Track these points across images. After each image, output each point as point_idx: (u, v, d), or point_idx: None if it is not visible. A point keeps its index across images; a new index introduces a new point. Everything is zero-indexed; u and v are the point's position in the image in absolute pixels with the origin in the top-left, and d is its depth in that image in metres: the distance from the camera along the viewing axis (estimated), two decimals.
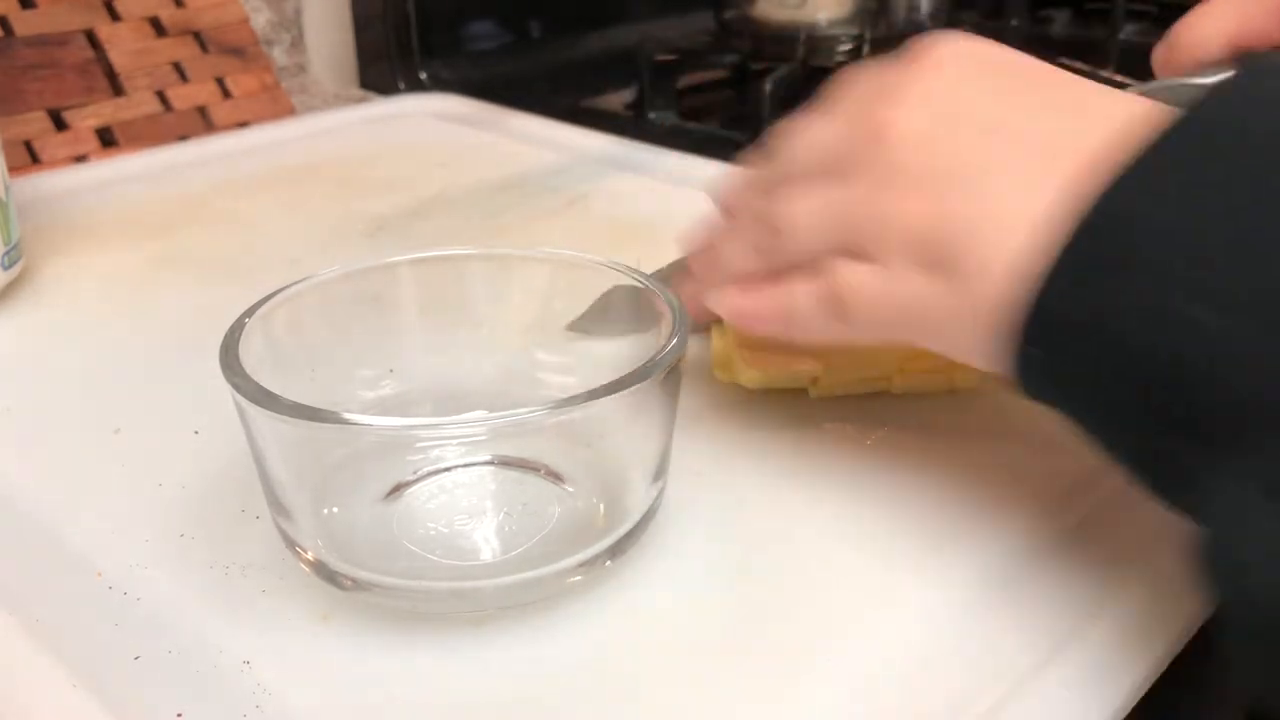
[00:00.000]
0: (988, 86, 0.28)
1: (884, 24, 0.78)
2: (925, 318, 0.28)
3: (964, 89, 0.28)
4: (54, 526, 0.32)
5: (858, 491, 0.33)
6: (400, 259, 0.35)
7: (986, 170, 0.26)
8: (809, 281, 0.30)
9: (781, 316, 0.31)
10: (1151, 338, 0.22)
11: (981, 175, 0.26)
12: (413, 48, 0.84)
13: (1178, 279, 0.22)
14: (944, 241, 0.27)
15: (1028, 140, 0.26)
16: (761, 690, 0.26)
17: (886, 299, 0.28)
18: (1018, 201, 0.25)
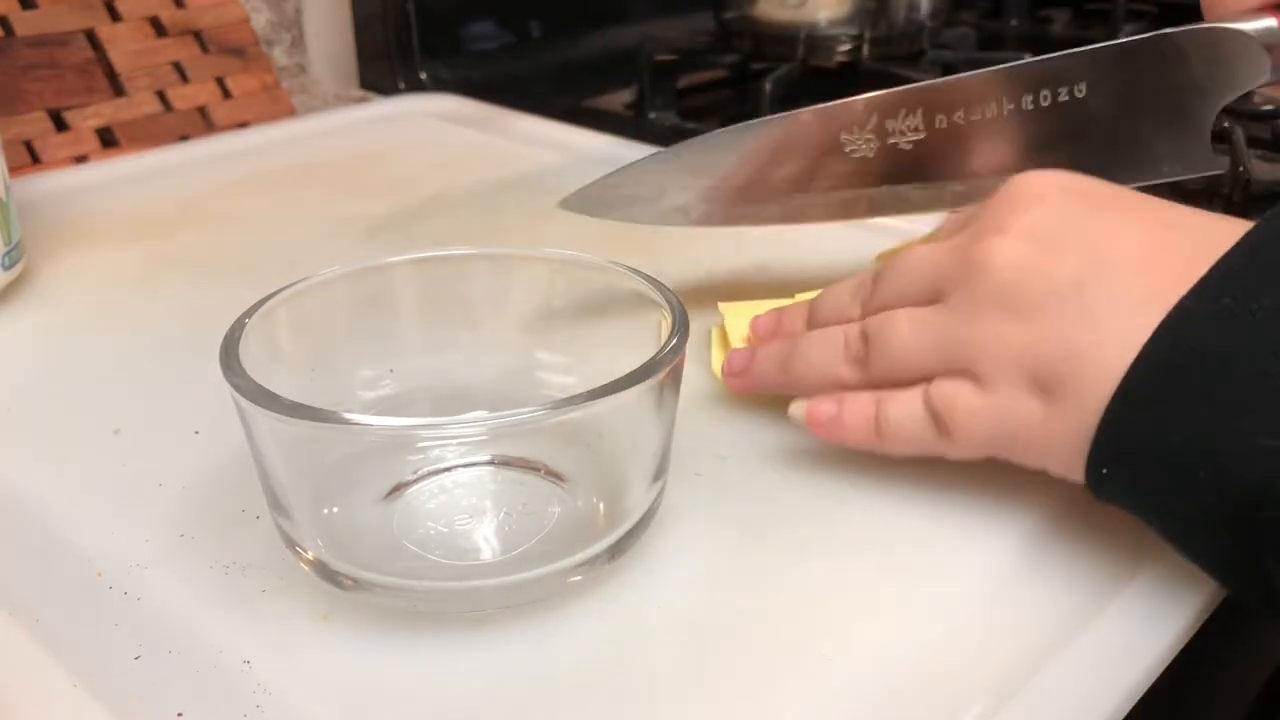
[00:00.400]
0: (1085, 212, 0.29)
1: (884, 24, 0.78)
2: (1030, 439, 0.29)
3: (1064, 216, 0.29)
4: (54, 526, 0.32)
5: (858, 490, 0.33)
6: (400, 259, 0.35)
7: (1084, 290, 0.27)
8: (906, 395, 0.31)
9: (875, 428, 0.32)
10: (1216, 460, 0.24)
11: (1079, 295, 0.27)
12: (413, 48, 0.84)
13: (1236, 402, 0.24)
14: (1049, 364, 0.28)
15: (1117, 257, 0.27)
16: (762, 690, 0.26)
17: (992, 420, 0.29)
18: (1117, 324, 0.26)
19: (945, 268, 0.31)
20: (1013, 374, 0.28)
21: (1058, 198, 0.30)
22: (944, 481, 0.33)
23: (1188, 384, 0.25)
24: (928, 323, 0.31)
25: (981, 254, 0.29)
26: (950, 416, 0.30)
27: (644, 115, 0.79)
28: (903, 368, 0.31)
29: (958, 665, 0.27)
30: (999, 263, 0.29)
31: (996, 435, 0.29)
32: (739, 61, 0.83)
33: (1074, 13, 1.07)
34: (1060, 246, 0.28)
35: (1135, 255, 0.27)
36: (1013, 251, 0.29)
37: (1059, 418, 0.28)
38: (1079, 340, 0.27)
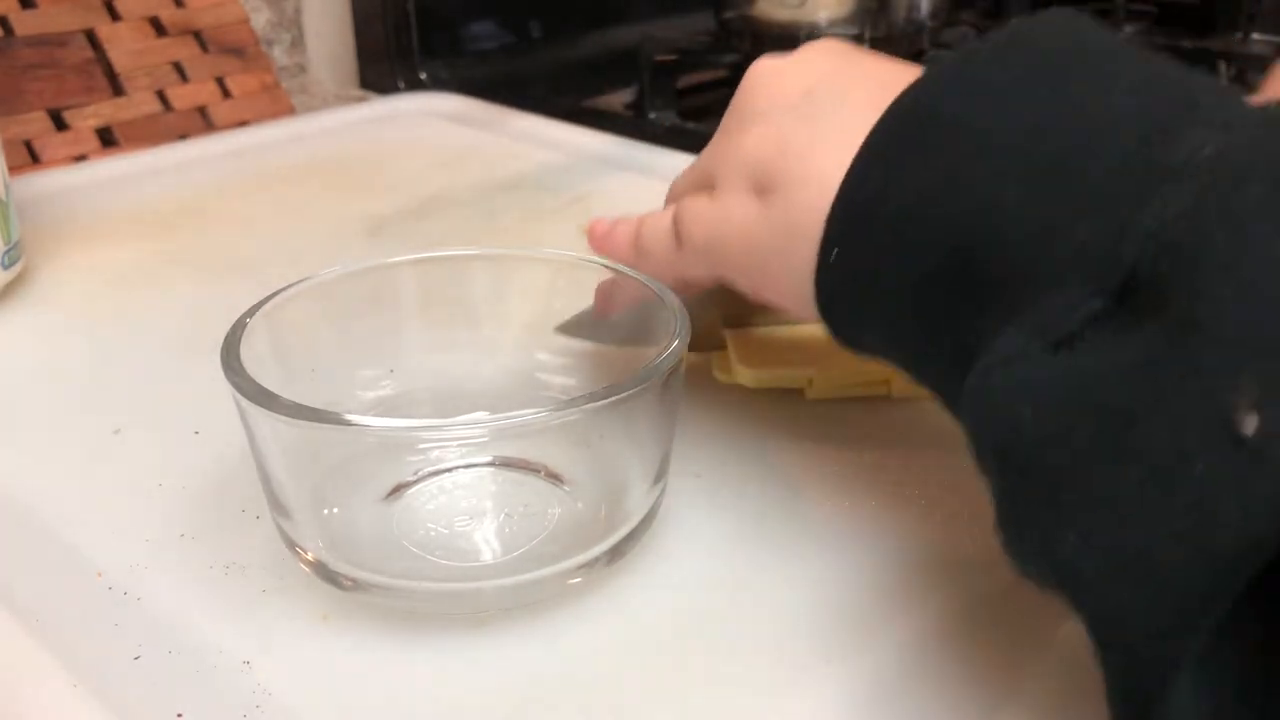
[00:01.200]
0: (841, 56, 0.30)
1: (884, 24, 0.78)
2: (745, 237, 0.29)
3: (820, 56, 0.30)
4: (54, 526, 0.32)
5: (858, 493, 0.33)
6: (400, 259, 0.35)
7: (816, 97, 0.28)
8: (661, 214, 0.33)
9: (630, 244, 0.34)
10: (940, 212, 0.23)
11: (811, 102, 0.28)
12: (413, 48, 0.84)
13: (964, 156, 0.23)
14: (770, 163, 0.28)
15: (860, 76, 0.28)
16: (761, 691, 0.26)
17: (712, 219, 0.30)
18: (843, 121, 0.27)
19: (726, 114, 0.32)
20: (734, 177, 0.29)
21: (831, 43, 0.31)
22: (945, 483, 0.33)
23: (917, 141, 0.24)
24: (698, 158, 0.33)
25: (744, 77, 0.31)
26: (681, 224, 0.31)
27: (644, 115, 0.79)
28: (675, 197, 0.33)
29: (955, 672, 0.27)
30: (747, 83, 0.31)
31: (716, 237, 0.30)
32: (739, 61, 0.83)
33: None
34: (813, 70, 0.29)
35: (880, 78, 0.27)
36: (758, 70, 0.31)
37: (773, 213, 0.28)
38: (797, 136, 0.28)
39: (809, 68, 0.30)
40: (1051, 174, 0.22)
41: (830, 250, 0.26)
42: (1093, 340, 0.20)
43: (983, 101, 0.24)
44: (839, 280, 0.26)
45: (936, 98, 0.24)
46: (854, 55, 0.30)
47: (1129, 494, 0.18)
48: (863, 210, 0.25)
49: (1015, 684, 0.26)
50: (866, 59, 0.30)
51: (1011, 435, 0.21)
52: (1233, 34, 0.97)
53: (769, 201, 0.28)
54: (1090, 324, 0.20)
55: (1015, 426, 0.20)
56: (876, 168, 0.25)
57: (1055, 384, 0.20)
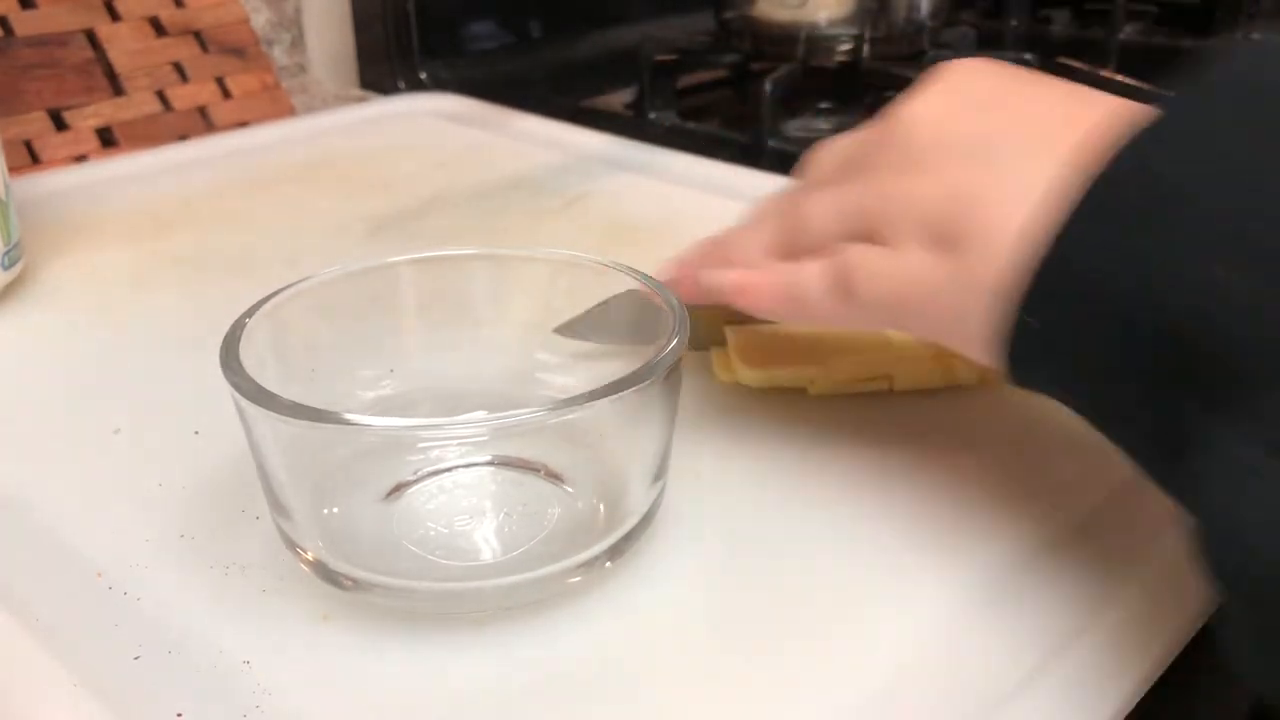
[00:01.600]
0: (993, 79, 0.29)
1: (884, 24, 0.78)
2: (928, 297, 0.28)
3: (982, 79, 0.29)
4: (54, 526, 0.32)
5: (858, 492, 0.33)
6: (400, 259, 0.35)
7: (991, 144, 0.26)
8: (817, 260, 0.30)
9: (786, 293, 0.31)
10: (1159, 292, 0.22)
11: (987, 149, 0.26)
12: (413, 48, 0.84)
13: (1188, 233, 0.22)
14: (950, 217, 0.27)
15: (1032, 116, 0.27)
16: (761, 691, 0.26)
17: (891, 276, 0.28)
18: (1024, 172, 0.25)
19: (861, 140, 0.31)
20: (913, 229, 0.28)
21: (981, 70, 0.29)
22: (945, 482, 0.33)
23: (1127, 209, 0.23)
24: (838, 193, 0.30)
25: (895, 116, 0.29)
26: (851, 278, 0.29)
27: (644, 115, 0.79)
28: (819, 238, 0.30)
29: (955, 672, 0.27)
30: (907, 117, 0.28)
31: (896, 295, 0.28)
32: (739, 61, 0.83)
33: (1074, 13, 1.07)
34: (974, 104, 0.28)
35: (1052, 115, 0.26)
36: (925, 109, 0.28)
37: (958, 271, 0.26)
38: (979, 188, 0.26)
39: (972, 102, 0.28)
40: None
41: (1021, 313, 0.25)
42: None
43: (1199, 163, 0.22)
44: (1029, 344, 0.25)
45: (1144, 155, 0.23)
46: (1015, 82, 0.28)
47: None
48: (1059, 278, 0.24)
49: (1015, 688, 0.26)
50: (1029, 87, 0.28)
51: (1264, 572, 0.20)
52: (1233, 34, 0.97)
53: (953, 258, 0.27)
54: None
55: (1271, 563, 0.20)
56: (1075, 233, 0.23)
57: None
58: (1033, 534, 0.31)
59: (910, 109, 0.29)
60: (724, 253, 0.34)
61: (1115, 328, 0.23)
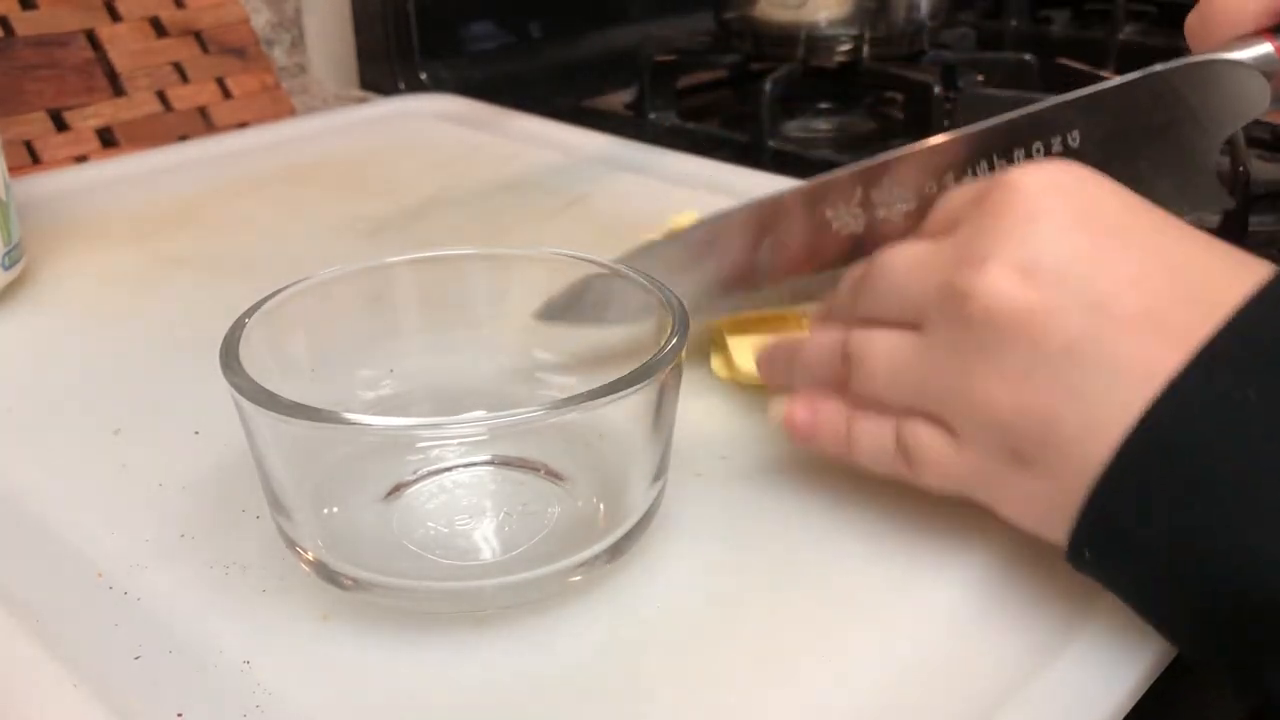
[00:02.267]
0: (1086, 244, 0.26)
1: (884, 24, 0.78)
2: (998, 498, 0.28)
3: (1060, 247, 0.26)
4: (54, 526, 0.32)
5: (858, 491, 0.33)
6: (400, 259, 0.35)
7: (1075, 360, 0.25)
8: (880, 421, 0.30)
9: (843, 444, 0.31)
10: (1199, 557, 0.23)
11: (1070, 365, 0.25)
12: (413, 48, 0.84)
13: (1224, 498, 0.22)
14: (1029, 437, 0.26)
15: (1123, 318, 0.25)
16: (762, 691, 0.26)
17: (960, 472, 0.28)
18: (1106, 400, 0.24)
19: (927, 290, 0.28)
20: (989, 438, 0.27)
21: (1054, 217, 0.26)
22: None
23: (1175, 472, 0.23)
24: (905, 356, 0.29)
25: (965, 287, 0.26)
26: (919, 458, 0.29)
27: (644, 115, 0.79)
28: (879, 399, 0.30)
29: (956, 670, 0.27)
30: (982, 307, 0.26)
31: (960, 487, 0.29)
32: (739, 61, 0.83)
33: (1074, 12, 1.07)
34: (1053, 292, 0.25)
35: (1136, 312, 0.25)
36: (999, 291, 0.26)
37: (1034, 490, 0.26)
38: (1065, 416, 0.25)
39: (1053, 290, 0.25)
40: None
41: (1078, 551, 0.26)
42: None
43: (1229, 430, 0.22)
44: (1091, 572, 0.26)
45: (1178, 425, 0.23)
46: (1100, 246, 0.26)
47: None
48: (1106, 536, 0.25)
49: (1016, 686, 0.26)
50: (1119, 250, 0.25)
51: None
52: None
53: (1035, 477, 0.26)
54: None
55: None
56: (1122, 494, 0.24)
57: None
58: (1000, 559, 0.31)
59: (984, 299, 0.26)
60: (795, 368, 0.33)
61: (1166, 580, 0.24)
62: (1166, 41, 0.98)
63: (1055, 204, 0.26)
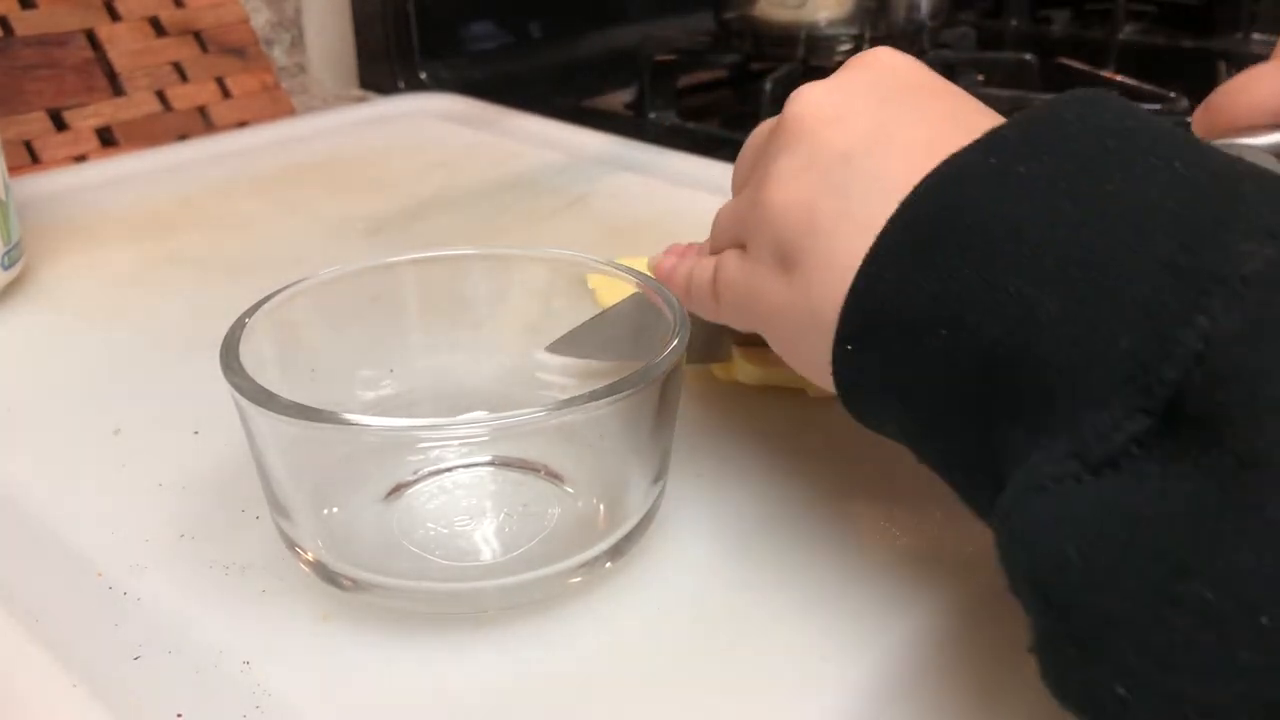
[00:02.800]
0: (888, 83, 0.28)
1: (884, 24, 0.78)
2: (771, 314, 0.28)
3: (868, 86, 0.28)
4: (54, 526, 0.32)
5: (859, 491, 0.33)
6: (400, 259, 0.35)
7: (850, 165, 0.26)
8: (707, 260, 0.32)
9: (683, 286, 0.33)
10: (971, 318, 0.22)
11: (845, 169, 0.26)
12: (413, 48, 0.84)
13: (991, 257, 0.22)
14: (799, 240, 0.27)
15: (899, 142, 0.26)
16: (761, 690, 0.26)
17: (745, 289, 0.29)
18: (871, 201, 0.25)
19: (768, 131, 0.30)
20: (762, 244, 0.28)
21: (884, 68, 0.29)
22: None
23: (942, 240, 0.23)
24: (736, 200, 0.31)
25: (794, 97, 0.29)
26: (717, 280, 0.30)
27: (644, 115, 0.79)
28: (720, 240, 0.32)
29: (958, 671, 0.27)
30: (792, 111, 0.28)
31: (745, 306, 0.29)
32: (739, 61, 0.83)
33: (1074, 13, 1.07)
34: (849, 112, 0.27)
35: (914, 141, 0.26)
36: (805, 104, 0.28)
37: (790, 291, 0.27)
38: (823, 212, 0.26)
39: (852, 111, 0.27)
40: (1086, 280, 0.20)
41: (844, 344, 0.25)
42: (1137, 465, 0.19)
43: (1008, 199, 0.22)
44: (855, 373, 0.26)
45: (955, 192, 0.23)
46: (904, 94, 0.28)
47: (1183, 648, 0.17)
48: (878, 311, 0.24)
49: (1018, 683, 0.26)
50: (919, 100, 0.27)
51: (1054, 575, 0.19)
52: (1233, 34, 0.97)
53: (792, 279, 0.27)
54: (1133, 445, 0.19)
55: (1059, 566, 0.19)
56: (891, 267, 0.24)
57: (1100, 519, 0.19)
58: None
59: (795, 104, 0.28)
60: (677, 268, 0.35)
61: (923, 356, 0.23)
62: (1167, 41, 0.98)
63: (886, 65, 0.29)
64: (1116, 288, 0.20)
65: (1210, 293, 0.19)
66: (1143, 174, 0.21)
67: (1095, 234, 0.21)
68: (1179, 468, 0.18)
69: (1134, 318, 0.20)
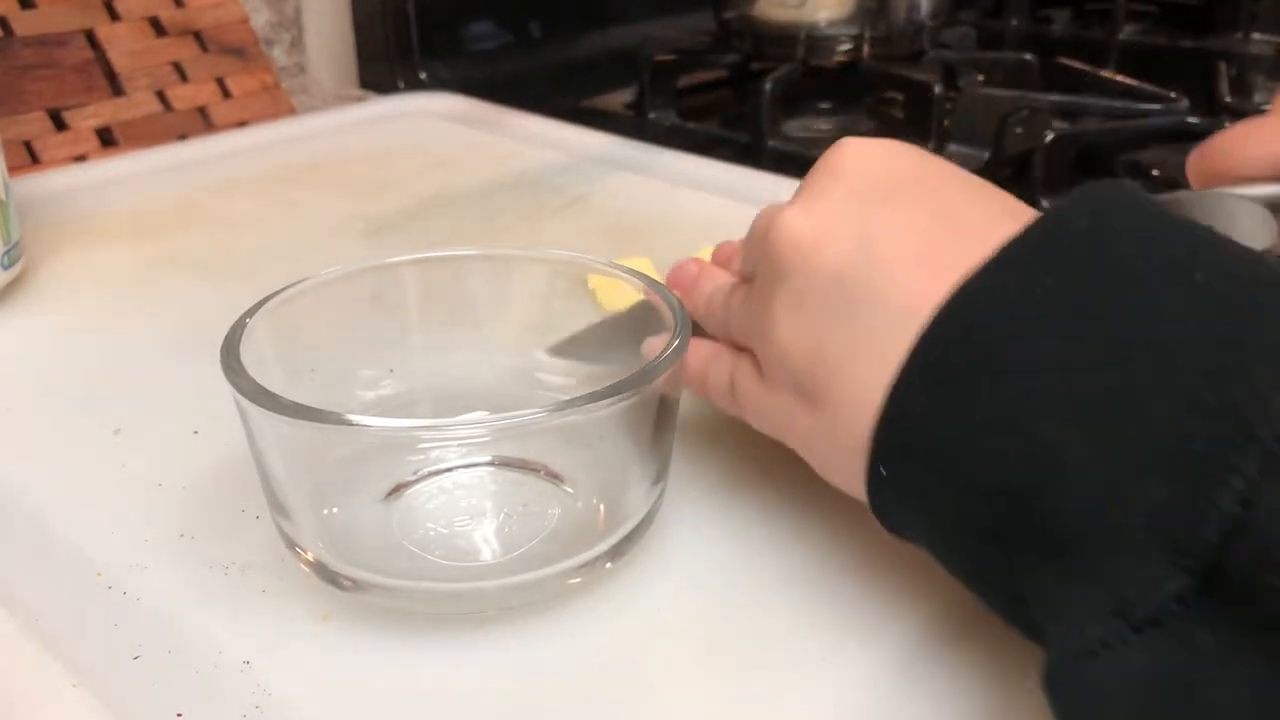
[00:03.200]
0: (870, 192, 0.27)
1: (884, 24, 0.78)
2: (804, 440, 0.29)
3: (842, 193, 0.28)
4: (54, 526, 0.32)
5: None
6: (400, 259, 0.35)
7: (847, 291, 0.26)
8: (725, 359, 0.32)
9: (700, 382, 0.33)
10: (992, 451, 0.22)
11: (841, 295, 0.26)
12: (413, 47, 0.84)
13: (1011, 392, 0.22)
14: (813, 374, 0.27)
15: (892, 256, 0.26)
16: (762, 692, 0.26)
17: (767, 408, 0.30)
18: (884, 332, 0.25)
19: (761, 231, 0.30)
20: (778, 371, 0.28)
21: (860, 169, 0.28)
22: None
23: (961, 375, 0.23)
24: (738, 298, 0.31)
25: (773, 227, 0.28)
26: (739, 393, 0.31)
27: (644, 115, 0.79)
28: (721, 334, 0.32)
29: (959, 672, 0.27)
30: (777, 239, 0.28)
31: (776, 428, 0.30)
32: (739, 61, 0.83)
33: (1074, 13, 1.07)
34: (833, 230, 0.27)
35: (906, 251, 0.26)
36: (787, 228, 0.28)
37: (817, 423, 0.27)
38: (833, 342, 0.26)
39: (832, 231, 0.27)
40: (1111, 417, 0.20)
41: (877, 468, 0.25)
42: (1181, 625, 0.19)
43: (1024, 330, 0.22)
44: (888, 496, 0.26)
45: (970, 317, 0.23)
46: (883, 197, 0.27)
47: None
48: (907, 441, 0.24)
49: (1019, 684, 0.26)
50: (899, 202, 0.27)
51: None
52: (1233, 34, 0.97)
53: (816, 410, 0.27)
54: (1175, 603, 0.19)
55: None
56: (916, 400, 0.24)
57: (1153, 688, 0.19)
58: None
59: (779, 230, 0.28)
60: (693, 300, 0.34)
61: (963, 489, 0.23)
62: (1167, 41, 0.98)
63: (856, 165, 0.28)
64: (1142, 431, 0.20)
65: (1243, 450, 0.18)
66: (1160, 289, 0.21)
67: (1115, 369, 0.20)
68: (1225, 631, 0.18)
69: (1163, 465, 0.19)
